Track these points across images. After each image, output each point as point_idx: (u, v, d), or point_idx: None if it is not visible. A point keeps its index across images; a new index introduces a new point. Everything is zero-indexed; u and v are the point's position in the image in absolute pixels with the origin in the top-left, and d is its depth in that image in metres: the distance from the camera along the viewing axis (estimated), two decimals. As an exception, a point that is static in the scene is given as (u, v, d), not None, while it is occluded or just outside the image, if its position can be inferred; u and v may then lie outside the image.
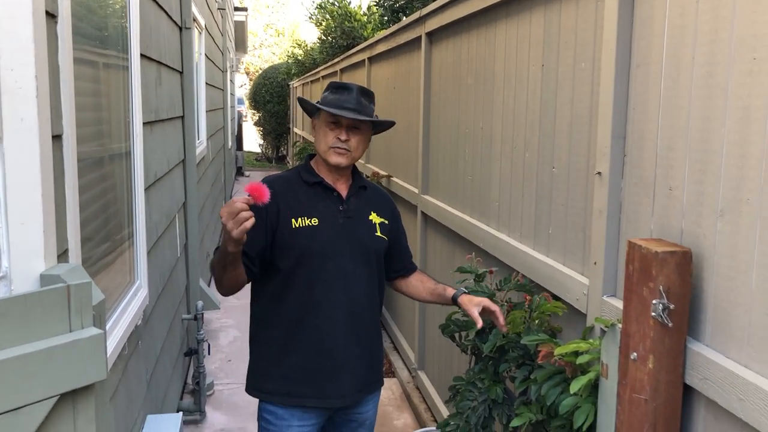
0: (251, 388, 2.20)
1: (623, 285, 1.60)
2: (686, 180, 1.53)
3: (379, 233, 2.21)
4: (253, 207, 1.79)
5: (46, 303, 1.20)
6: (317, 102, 2.15)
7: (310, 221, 2.08)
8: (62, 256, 1.49)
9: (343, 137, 2.09)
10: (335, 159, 2.11)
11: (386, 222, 2.26)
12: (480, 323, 2.05)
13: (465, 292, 2.19)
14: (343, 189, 2.18)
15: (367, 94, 2.16)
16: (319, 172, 2.18)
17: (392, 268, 2.35)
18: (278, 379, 2.12)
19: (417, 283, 2.37)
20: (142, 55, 2.65)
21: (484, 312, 2.10)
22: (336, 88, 2.14)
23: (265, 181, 2.11)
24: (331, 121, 2.10)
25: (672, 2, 1.59)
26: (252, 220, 1.75)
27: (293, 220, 2.07)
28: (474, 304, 2.09)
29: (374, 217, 2.23)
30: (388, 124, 2.23)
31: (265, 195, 1.77)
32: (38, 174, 1.29)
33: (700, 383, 1.45)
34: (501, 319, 2.09)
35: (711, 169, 1.45)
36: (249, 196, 1.75)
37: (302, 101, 2.22)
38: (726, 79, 1.41)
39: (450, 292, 2.23)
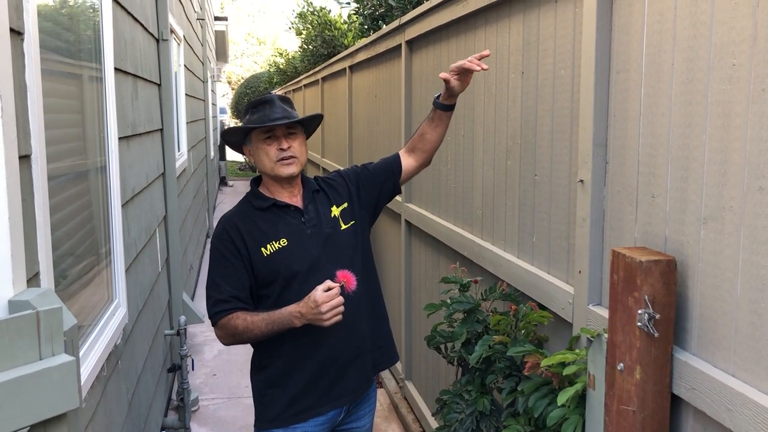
0: (257, 420, 2.15)
1: (608, 294, 1.58)
2: (669, 187, 1.52)
3: (344, 226, 2.17)
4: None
5: (14, 331, 1.16)
6: (242, 125, 2.10)
7: (279, 244, 2.05)
8: (33, 279, 1.44)
9: (285, 146, 2.07)
10: (286, 170, 2.08)
11: (346, 204, 2.20)
12: (449, 78, 2.09)
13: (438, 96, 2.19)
14: (297, 201, 2.14)
15: (286, 101, 2.14)
16: (271, 194, 2.14)
17: (397, 173, 2.28)
18: (285, 402, 2.09)
19: (416, 139, 2.29)
20: (116, 69, 2.61)
21: (460, 75, 2.09)
22: (254, 106, 2.11)
23: (223, 219, 2.12)
24: (265, 137, 2.07)
25: (650, 8, 1.58)
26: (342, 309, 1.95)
27: (262, 249, 2.04)
28: (450, 79, 2.10)
29: (335, 211, 2.17)
30: (317, 121, 2.21)
31: (353, 282, 2.00)
32: (4, 196, 1.25)
33: (688, 393, 1.43)
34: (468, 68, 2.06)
35: (693, 176, 1.44)
36: (342, 284, 1.96)
37: (227, 134, 2.15)
38: (706, 86, 1.40)
39: (432, 108, 2.23)
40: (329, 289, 1.93)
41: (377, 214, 2.33)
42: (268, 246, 2.05)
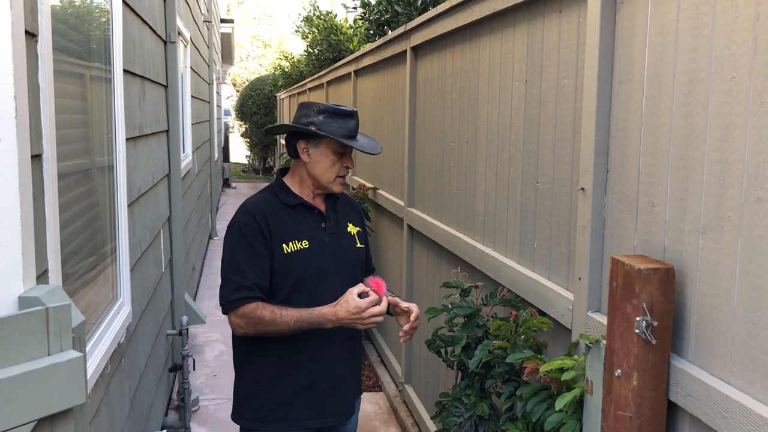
0: (241, 417, 2.14)
1: (607, 301, 1.60)
2: (668, 197, 1.54)
3: (359, 244, 2.21)
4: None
5: (24, 326, 1.18)
6: (323, 132, 2.02)
7: (301, 245, 2.04)
8: (42, 276, 1.47)
9: (351, 165, 2.13)
10: (340, 189, 2.13)
11: (360, 230, 2.26)
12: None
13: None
14: (320, 205, 2.16)
15: None
16: (300, 191, 2.14)
17: (363, 266, 2.32)
18: (272, 406, 2.08)
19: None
20: (125, 71, 2.64)
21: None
22: (335, 114, 2.05)
23: (249, 205, 2.07)
24: (340, 151, 2.09)
25: (653, 20, 1.61)
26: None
27: (284, 245, 2.02)
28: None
29: (351, 228, 2.22)
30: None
31: (384, 290, 2.03)
32: (17, 195, 1.27)
33: (684, 400, 1.45)
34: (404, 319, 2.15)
35: (692, 186, 1.46)
36: (374, 290, 1.98)
37: (300, 131, 2.07)
38: (706, 98, 1.42)
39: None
40: (361, 293, 1.94)
41: None
42: (291, 244, 2.03)
